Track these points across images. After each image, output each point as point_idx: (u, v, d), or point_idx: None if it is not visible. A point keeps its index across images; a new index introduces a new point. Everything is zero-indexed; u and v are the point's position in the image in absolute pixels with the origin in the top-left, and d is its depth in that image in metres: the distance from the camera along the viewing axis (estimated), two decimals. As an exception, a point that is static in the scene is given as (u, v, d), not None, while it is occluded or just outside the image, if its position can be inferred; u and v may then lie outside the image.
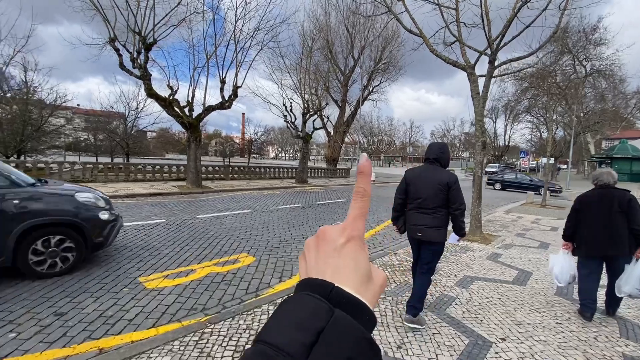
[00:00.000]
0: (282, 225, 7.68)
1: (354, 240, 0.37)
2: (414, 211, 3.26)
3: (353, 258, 0.36)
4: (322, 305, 0.31)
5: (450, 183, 3.12)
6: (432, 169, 3.24)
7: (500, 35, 6.22)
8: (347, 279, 0.35)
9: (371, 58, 30.94)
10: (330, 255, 0.37)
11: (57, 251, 4.10)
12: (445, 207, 3.16)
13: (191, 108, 14.60)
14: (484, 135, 6.63)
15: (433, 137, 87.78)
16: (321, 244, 0.38)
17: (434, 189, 3.15)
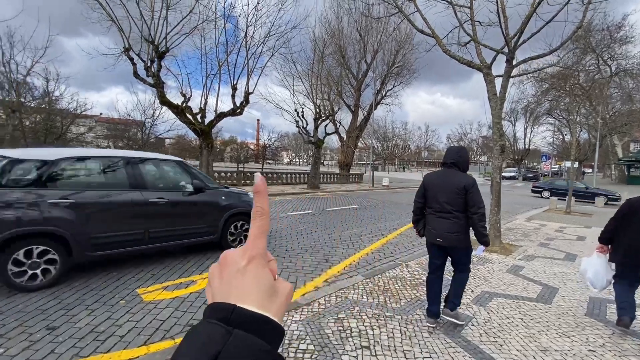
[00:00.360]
0: (290, 233, 7.47)
1: (255, 259, 0.39)
2: (433, 215, 3.27)
3: (255, 276, 0.39)
4: (218, 330, 0.33)
5: (468, 186, 3.08)
6: (450, 173, 3.23)
7: (518, 32, 5.85)
8: (250, 296, 0.37)
9: (384, 62, 30.66)
10: (233, 278, 0.39)
11: (241, 232, 6.03)
12: (464, 211, 3.12)
13: (203, 115, 14.72)
14: (502, 138, 6.24)
15: (449, 141, 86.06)
16: (224, 268, 0.40)
17: (452, 192, 3.13)
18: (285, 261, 5.42)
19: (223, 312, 0.35)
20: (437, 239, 3.20)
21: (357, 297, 3.90)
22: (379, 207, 12.95)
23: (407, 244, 7.01)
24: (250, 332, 0.34)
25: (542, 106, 40.27)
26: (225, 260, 0.41)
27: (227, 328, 0.33)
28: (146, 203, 4.84)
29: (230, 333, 0.33)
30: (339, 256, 5.87)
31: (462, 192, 3.08)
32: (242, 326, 0.34)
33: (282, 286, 0.41)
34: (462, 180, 3.12)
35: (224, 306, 0.36)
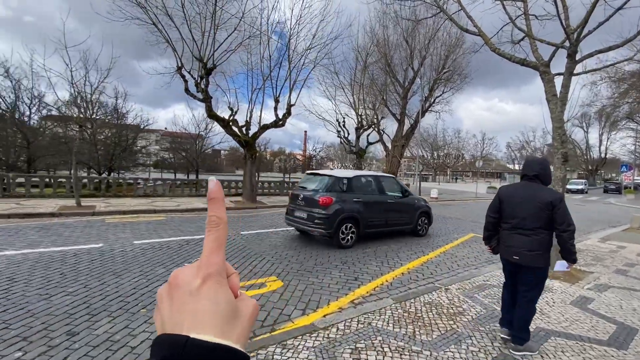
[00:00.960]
0: (321, 246, 7.20)
1: (211, 278, 0.34)
2: (510, 231, 3.07)
3: (211, 299, 0.34)
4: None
5: (555, 202, 2.87)
6: (532, 187, 3.04)
7: (582, 22, 5.02)
8: (207, 323, 0.32)
9: (432, 68, 29.38)
10: (186, 302, 0.34)
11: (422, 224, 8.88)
12: (547, 228, 2.92)
13: (248, 127, 15.26)
14: (564, 145, 5.36)
15: (509, 150, 79.53)
16: (175, 291, 0.35)
17: (534, 208, 2.93)
18: (312, 277, 5.15)
19: (173, 347, 0.30)
20: (513, 256, 3.01)
21: (382, 325, 3.48)
22: (422, 220, 12.11)
23: (450, 264, 6.33)
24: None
25: (620, 109, 35.35)
26: (176, 281, 0.35)
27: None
28: (385, 202, 8.11)
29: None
30: (371, 274, 5.44)
31: (548, 207, 2.87)
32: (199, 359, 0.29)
33: (244, 305, 0.36)
34: (547, 195, 2.92)
35: (174, 339, 0.31)
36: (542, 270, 2.96)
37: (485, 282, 5.05)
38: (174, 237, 7.29)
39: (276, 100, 14.89)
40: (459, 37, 27.79)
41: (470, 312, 3.84)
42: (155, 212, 10.96)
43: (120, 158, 22.63)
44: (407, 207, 8.59)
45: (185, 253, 6.12)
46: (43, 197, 12.45)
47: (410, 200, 8.71)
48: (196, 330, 0.31)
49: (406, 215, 8.50)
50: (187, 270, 0.36)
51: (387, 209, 8.06)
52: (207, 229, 0.36)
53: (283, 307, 4.02)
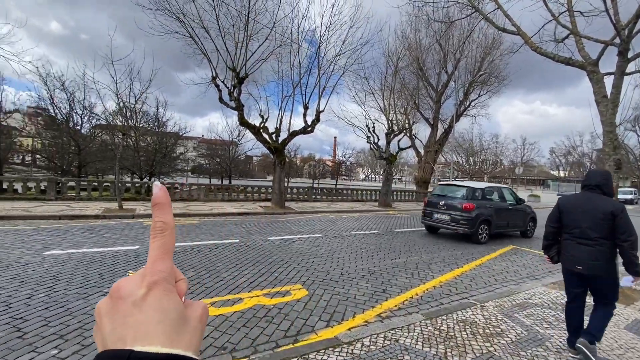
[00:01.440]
0: (349, 254, 7.06)
1: (157, 286, 0.33)
2: (572, 241, 3.12)
3: (157, 308, 0.32)
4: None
5: (616, 211, 2.88)
6: (594, 197, 3.06)
7: (633, 17, 4.53)
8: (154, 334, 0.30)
9: (467, 71, 28.31)
10: (130, 314, 0.31)
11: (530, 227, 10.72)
12: (609, 238, 2.93)
13: (278, 134, 15.51)
14: (616, 151, 4.83)
15: (553, 156, 74.37)
16: (117, 303, 0.33)
17: (596, 218, 2.96)
18: (338, 287, 5.03)
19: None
20: (576, 266, 3.06)
21: (410, 343, 3.28)
22: (456, 230, 11.55)
23: (487, 278, 5.92)
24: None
25: (685, 110, 31.80)
26: (119, 293, 0.33)
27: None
28: (507, 208, 9.95)
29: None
30: (400, 286, 5.22)
31: (609, 217, 2.89)
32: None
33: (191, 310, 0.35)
34: (609, 206, 2.93)
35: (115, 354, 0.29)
36: (607, 279, 3.00)
37: (527, 300, 4.65)
38: (204, 241, 7.50)
39: (305, 107, 15.03)
40: (496, 38, 26.66)
41: (509, 334, 3.52)
42: (190, 215, 11.39)
43: (160, 164, 23.95)
44: (521, 212, 10.46)
45: (214, 257, 6.25)
46: (90, 199, 13.43)
47: (522, 207, 10.56)
48: (141, 342, 0.30)
49: (520, 220, 10.38)
50: (131, 279, 0.34)
51: (508, 214, 10.01)
52: (152, 235, 0.35)
53: (307, 318, 3.93)
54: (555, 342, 3.36)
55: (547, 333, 3.57)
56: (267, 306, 4.21)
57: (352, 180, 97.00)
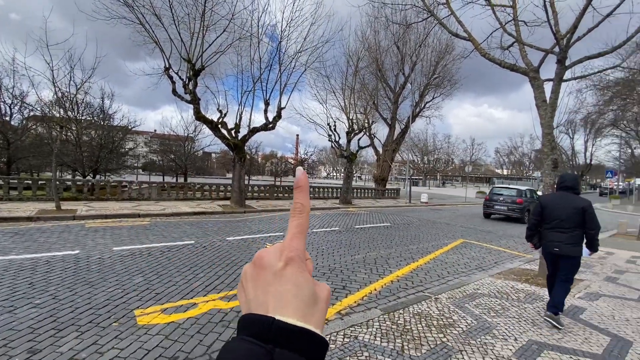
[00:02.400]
0: (310, 252, 6.99)
1: (293, 262, 0.35)
2: (551, 230, 3.88)
3: (294, 282, 0.34)
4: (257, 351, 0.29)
5: (586, 207, 3.72)
6: (568, 196, 3.86)
7: (571, 28, 5.00)
8: (291, 306, 0.33)
9: (423, 74, 29.66)
10: (270, 283, 0.34)
11: None
12: (579, 227, 3.74)
13: (237, 130, 15.02)
14: (554, 151, 5.31)
15: (498, 155, 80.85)
16: (259, 271, 0.36)
17: (570, 211, 3.76)
18: (298, 285, 4.95)
19: (260, 326, 0.31)
20: (554, 248, 3.84)
21: (369, 339, 3.30)
22: (413, 226, 12.04)
23: (440, 271, 6.20)
24: (293, 350, 0.30)
25: (605, 117, 36.22)
26: (261, 262, 0.36)
27: (266, 347, 0.29)
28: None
29: (271, 353, 0.29)
30: (359, 282, 5.27)
31: (581, 212, 3.71)
32: (283, 343, 0.30)
33: (319, 289, 0.36)
34: (580, 202, 3.77)
35: (260, 319, 0.32)
36: (577, 259, 3.79)
37: (476, 290, 4.93)
38: (155, 244, 7.00)
39: (266, 103, 14.71)
40: (449, 44, 28.17)
41: (461, 324, 3.70)
42: (140, 216, 10.61)
43: (107, 160, 22.05)
44: None
45: (166, 260, 5.85)
46: (22, 200, 11.96)
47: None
48: (280, 312, 0.32)
49: None
50: (271, 251, 0.36)
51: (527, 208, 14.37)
52: (292, 214, 0.37)
53: (266, 320, 3.80)
54: (501, 330, 3.58)
55: (494, 321, 3.81)
56: (224, 310, 4.01)
57: (314, 178, 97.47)
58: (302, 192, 0.38)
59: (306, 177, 0.38)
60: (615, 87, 30.32)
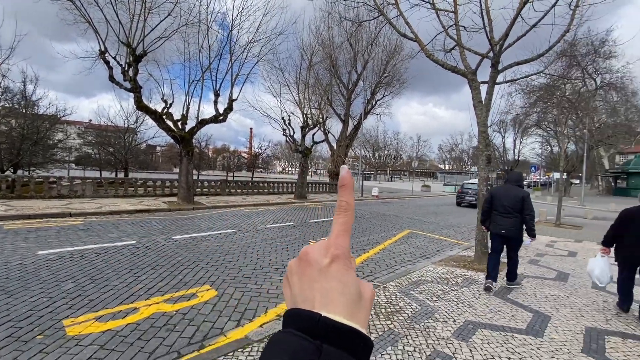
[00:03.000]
0: (264, 248, 6.90)
1: (339, 259, 0.35)
2: (499, 215, 4.79)
3: (340, 279, 0.34)
4: (307, 346, 0.28)
5: (525, 196, 4.70)
6: (513, 188, 4.85)
7: (503, 36, 5.51)
8: (337, 304, 0.32)
9: (374, 72, 30.64)
10: (316, 279, 0.34)
11: None
12: (520, 213, 4.65)
13: (184, 121, 14.17)
14: (488, 148, 5.84)
15: (441, 151, 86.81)
16: (304, 266, 0.36)
17: (513, 200, 4.69)
18: (250, 283, 4.85)
19: (307, 321, 0.31)
20: (501, 230, 4.74)
21: (320, 331, 3.34)
22: (364, 218, 12.46)
23: (389, 261, 6.50)
24: (341, 347, 0.29)
25: (530, 118, 40.72)
26: (307, 257, 0.36)
27: (314, 343, 0.29)
28: None
29: (319, 349, 0.28)
30: (312, 276, 5.31)
31: (521, 200, 4.65)
32: (330, 340, 0.29)
33: (363, 288, 0.36)
34: (521, 193, 4.74)
35: (307, 314, 0.31)
36: (520, 239, 4.77)
37: (421, 277, 5.26)
38: (90, 245, 6.36)
39: (216, 94, 14.07)
40: (398, 44, 29.39)
41: (406, 310, 3.91)
42: (71, 215, 9.55)
43: (30, 153, 19.46)
44: None
45: (102, 263, 5.34)
46: None
47: None
48: (327, 309, 0.32)
49: None
50: (316, 248, 0.36)
51: None
52: (337, 212, 0.37)
53: (215, 320, 3.66)
54: (442, 313, 3.86)
55: (436, 305, 4.09)
56: (169, 313, 3.77)
57: (269, 173, 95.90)
58: (347, 190, 0.38)
59: (351, 176, 0.38)
60: (539, 91, 34.16)
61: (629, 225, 4.09)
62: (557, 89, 30.15)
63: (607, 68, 31.14)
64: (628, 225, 4.11)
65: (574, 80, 31.91)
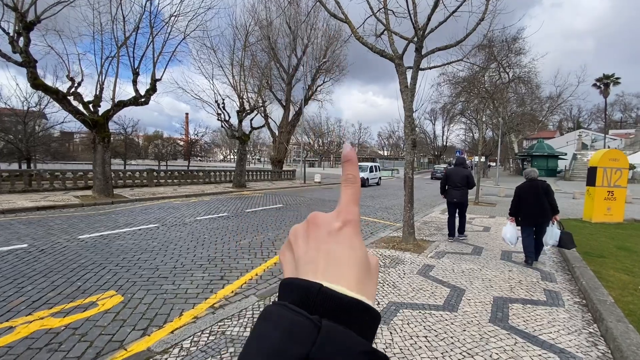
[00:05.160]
0: (189, 243, 6.34)
1: (350, 224, 0.33)
2: (451, 188, 6.74)
3: (349, 244, 0.32)
4: (303, 322, 0.25)
5: (469, 175, 6.72)
6: (460, 169, 6.81)
7: (426, 21, 5.63)
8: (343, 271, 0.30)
9: (314, 57, 30.34)
10: (324, 241, 0.32)
11: None
12: (466, 186, 6.68)
13: (97, 103, 12.39)
14: (413, 132, 6.02)
15: (380, 138, 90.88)
16: (312, 228, 0.34)
17: (461, 177, 6.65)
18: (167, 283, 4.34)
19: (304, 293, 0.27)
20: (454, 199, 6.73)
21: (237, 331, 3.07)
22: (304, 205, 12.37)
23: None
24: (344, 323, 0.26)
25: (456, 107, 44.65)
26: (316, 220, 0.34)
27: (312, 319, 0.25)
28: None
29: (318, 326, 0.24)
30: (241, 269, 4.99)
31: (466, 177, 6.63)
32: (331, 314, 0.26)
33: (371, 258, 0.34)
34: (467, 172, 6.72)
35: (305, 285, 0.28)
36: (465, 203, 6.82)
37: (352, 262, 5.26)
38: (-41, 253, 5.16)
39: (135, 73, 12.51)
40: (337, 30, 29.44)
41: (333, 298, 3.83)
42: (-59, 217, 7.74)
43: None
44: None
45: (-26, 275, 4.34)
46: None
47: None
48: (331, 277, 0.29)
49: None
50: (326, 214, 0.35)
51: None
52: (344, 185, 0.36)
53: (116, 331, 3.15)
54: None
55: (363, 290, 4.09)
56: (56, 329, 3.15)
57: (208, 162, 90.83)
58: (351, 164, 0.37)
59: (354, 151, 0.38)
60: (463, 82, 37.49)
61: (522, 198, 5.33)
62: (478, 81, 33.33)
63: (517, 63, 35.30)
64: (521, 198, 5.35)
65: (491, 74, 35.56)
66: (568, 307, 3.75)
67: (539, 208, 5.12)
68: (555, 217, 5.10)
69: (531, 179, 5.37)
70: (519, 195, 5.38)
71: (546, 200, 5.11)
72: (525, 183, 5.41)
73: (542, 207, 5.10)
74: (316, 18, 28.89)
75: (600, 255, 5.71)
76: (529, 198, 5.23)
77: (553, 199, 5.13)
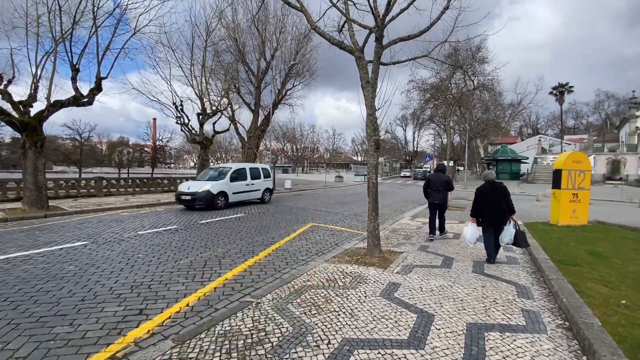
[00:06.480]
0: (115, 265, 5.30)
1: None
2: (432, 192, 7.55)
3: None
4: None
5: (448, 180, 7.64)
6: (440, 175, 7.72)
7: (387, 7, 5.08)
8: None
9: (284, 61, 29.59)
10: None
11: None
12: (445, 190, 7.58)
13: (29, 103, 10.92)
14: (376, 133, 5.41)
15: (353, 144, 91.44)
16: None
17: (441, 182, 7.52)
18: (60, 325, 3.35)
19: None
20: (435, 201, 7.50)
21: (125, 402, 2.20)
22: (268, 214, 11.49)
23: (279, 263, 5.64)
24: None
25: (425, 113, 45.61)
26: None
27: None
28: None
29: None
30: (169, 299, 4.07)
31: (446, 182, 7.54)
32: None
33: None
34: (445, 177, 7.63)
35: None
36: (444, 205, 7.66)
37: (306, 282, 4.50)
38: None
39: (75, 69, 11.13)
40: (307, 34, 28.96)
41: (273, 336, 3.04)
42: None
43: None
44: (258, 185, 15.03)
45: None
46: None
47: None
48: None
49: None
50: None
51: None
52: None
53: (-54, 411, 2.18)
54: (317, 333, 3.10)
55: (312, 322, 3.32)
56: None
57: (179, 169, 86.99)
58: None
59: None
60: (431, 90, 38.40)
61: (481, 199, 5.66)
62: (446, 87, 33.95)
63: (482, 71, 36.65)
64: (481, 199, 5.67)
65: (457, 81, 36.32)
66: (551, 333, 3.20)
67: (498, 209, 5.47)
68: (512, 216, 5.49)
69: (490, 180, 5.72)
70: (479, 197, 5.70)
71: (504, 201, 5.48)
72: (485, 185, 5.72)
73: (501, 208, 5.46)
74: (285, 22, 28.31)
75: (574, 264, 5.33)
76: (489, 199, 5.55)
77: (510, 200, 5.54)
